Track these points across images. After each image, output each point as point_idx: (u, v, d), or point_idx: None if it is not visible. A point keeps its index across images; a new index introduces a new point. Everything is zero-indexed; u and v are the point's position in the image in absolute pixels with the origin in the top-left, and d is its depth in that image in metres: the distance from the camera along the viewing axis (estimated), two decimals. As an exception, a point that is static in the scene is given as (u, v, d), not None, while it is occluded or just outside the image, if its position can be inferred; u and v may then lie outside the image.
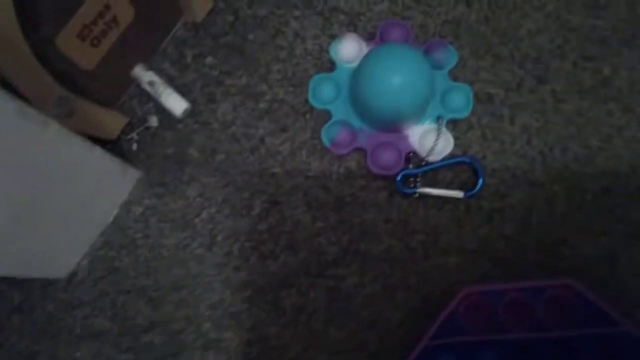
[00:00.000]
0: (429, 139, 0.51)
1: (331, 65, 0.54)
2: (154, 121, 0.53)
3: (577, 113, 0.52)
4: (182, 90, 0.54)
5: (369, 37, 0.54)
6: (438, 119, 0.51)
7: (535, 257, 0.49)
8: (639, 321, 0.47)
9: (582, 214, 0.50)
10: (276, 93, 0.54)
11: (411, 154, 0.51)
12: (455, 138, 0.51)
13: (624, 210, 0.49)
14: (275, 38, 0.55)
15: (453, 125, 0.52)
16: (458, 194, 0.50)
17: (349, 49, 0.53)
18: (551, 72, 0.53)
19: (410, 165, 0.51)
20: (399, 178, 0.50)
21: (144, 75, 0.52)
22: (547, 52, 0.53)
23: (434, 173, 0.51)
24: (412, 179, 0.51)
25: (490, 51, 0.54)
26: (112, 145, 0.53)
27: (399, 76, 0.47)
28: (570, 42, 0.53)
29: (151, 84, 0.52)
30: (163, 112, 0.53)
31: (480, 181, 0.50)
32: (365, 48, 0.53)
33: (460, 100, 0.52)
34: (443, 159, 0.51)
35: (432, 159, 0.51)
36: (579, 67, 0.53)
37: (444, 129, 0.51)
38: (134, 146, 0.53)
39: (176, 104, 0.52)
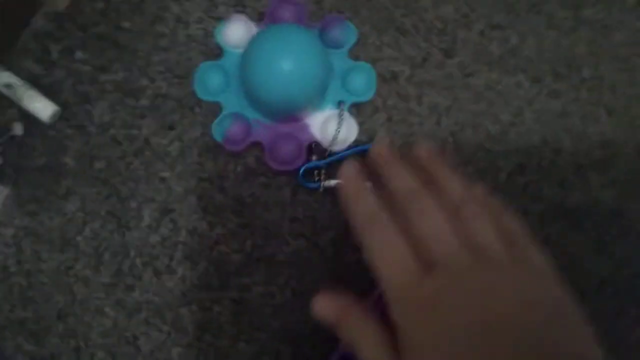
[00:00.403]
0: (330, 127, 0.47)
1: (219, 52, 0.48)
2: (18, 129, 0.47)
3: (487, 87, 0.49)
4: (50, 91, 0.47)
5: (259, 19, 0.49)
6: (339, 104, 0.47)
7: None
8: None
9: (497, 196, 0.47)
10: (159, 87, 0.48)
11: (314, 145, 0.47)
12: (360, 123, 0.48)
13: (538, 187, 0.47)
14: (153, 24, 0.49)
15: (357, 109, 0.48)
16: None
17: (236, 33, 0.48)
18: (458, 44, 0.50)
19: (314, 157, 0.47)
20: (301, 172, 0.46)
21: (-1, 76, 0.45)
22: (453, 23, 0.50)
23: (339, 163, 0.47)
24: (316, 172, 0.47)
25: (393, 25, 0.50)
26: (-30, 161, 0.46)
27: (289, 60, 0.43)
28: (476, 10, 0.50)
29: (9, 86, 0.45)
30: (29, 117, 0.47)
31: (389, 169, 0.46)
32: (254, 30, 0.48)
33: (363, 82, 0.48)
34: (348, 148, 0.47)
35: (336, 148, 0.47)
36: (486, 36, 0.50)
37: (346, 115, 0.47)
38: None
39: (42, 108, 0.46)
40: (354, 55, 0.49)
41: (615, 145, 0.48)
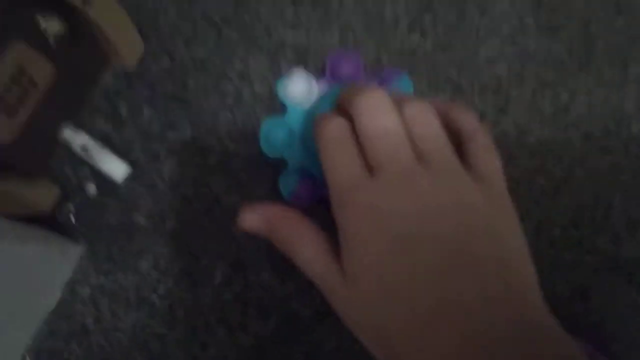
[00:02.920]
0: (396, 186, 0.51)
1: (284, 108, 0.52)
2: (91, 189, 0.50)
3: (540, 144, 0.54)
4: (121, 149, 0.51)
5: (320, 73, 0.53)
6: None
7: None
8: (616, 355, 0.50)
9: (552, 250, 0.52)
10: (226, 145, 0.52)
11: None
12: (422, 181, 0.52)
13: (592, 241, 0.53)
14: (218, 82, 0.53)
15: (418, 166, 0.53)
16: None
17: (297, 88, 0.52)
18: (512, 102, 0.54)
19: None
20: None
21: (75, 138, 0.49)
22: (506, 81, 0.55)
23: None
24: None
25: (449, 82, 0.54)
26: (45, 220, 0.49)
27: None
28: (527, 69, 0.55)
29: (84, 148, 0.49)
30: (100, 176, 0.50)
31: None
32: (314, 85, 0.52)
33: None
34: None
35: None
36: (538, 95, 0.55)
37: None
38: (72, 218, 0.50)
39: (115, 168, 0.49)
40: (414, 113, 0.53)
41: (662, 200, 0.54)
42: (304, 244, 0.34)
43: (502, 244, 0.29)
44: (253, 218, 0.36)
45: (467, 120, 0.36)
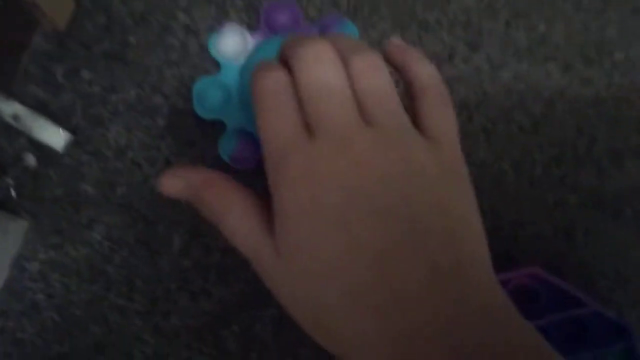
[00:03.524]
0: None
1: (218, 65, 0.49)
2: (31, 160, 0.47)
3: (516, 79, 0.50)
4: (60, 117, 0.47)
5: (256, 26, 0.49)
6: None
7: (492, 245, 0.48)
8: (601, 295, 0.48)
9: (534, 190, 0.49)
10: (174, 104, 0.48)
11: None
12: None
13: (575, 178, 0.49)
14: (162, 37, 0.49)
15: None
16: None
17: (230, 44, 0.48)
18: (484, 36, 0.50)
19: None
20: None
21: (5, 107, 0.45)
22: (477, 14, 0.50)
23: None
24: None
25: (415, 20, 0.50)
26: (-15, 197, 0.47)
27: None
28: (499, -2, 0.51)
29: (16, 117, 0.45)
30: (40, 146, 0.47)
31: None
32: (249, 39, 0.48)
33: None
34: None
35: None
36: (512, 26, 0.50)
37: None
38: (13, 192, 0.47)
39: (54, 137, 0.46)
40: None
41: (651, 130, 0.50)
42: (233, 213, 0.28)
43: (452, 214, 0.26)
44: (175, 183, 0.31)
45: (423, 71, 0.32)
